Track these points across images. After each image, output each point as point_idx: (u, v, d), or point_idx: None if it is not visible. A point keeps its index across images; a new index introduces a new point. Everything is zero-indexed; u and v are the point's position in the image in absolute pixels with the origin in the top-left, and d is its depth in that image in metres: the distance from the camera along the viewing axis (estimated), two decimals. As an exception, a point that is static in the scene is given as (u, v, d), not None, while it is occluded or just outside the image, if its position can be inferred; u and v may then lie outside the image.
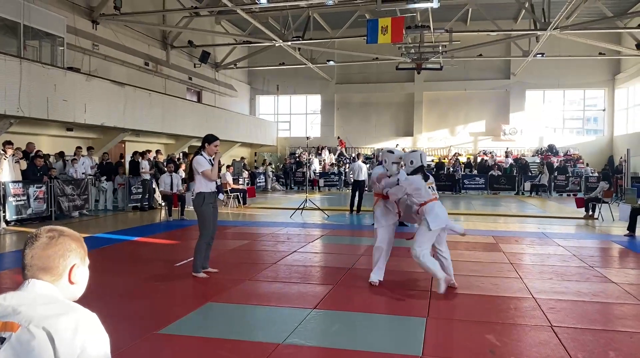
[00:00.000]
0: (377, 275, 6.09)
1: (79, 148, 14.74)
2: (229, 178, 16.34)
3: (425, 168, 5.91)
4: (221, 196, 6.37)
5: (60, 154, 14.59)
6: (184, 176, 14.42)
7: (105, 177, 14.82)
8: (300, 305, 5.16)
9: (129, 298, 5.46)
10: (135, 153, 16.21)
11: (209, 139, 6.48)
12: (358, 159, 15.63)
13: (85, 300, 1.54)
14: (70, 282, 1.54)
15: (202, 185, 6.37)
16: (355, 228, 11.93)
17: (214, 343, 4.06)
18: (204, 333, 4.29)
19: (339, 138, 29.70)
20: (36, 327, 1.37)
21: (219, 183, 6.53)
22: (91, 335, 1.42)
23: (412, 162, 5.90)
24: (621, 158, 23.26)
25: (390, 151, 6.27)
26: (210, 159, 6.42)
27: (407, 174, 5.95)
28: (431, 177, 5.97)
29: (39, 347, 1.36)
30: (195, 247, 6.48)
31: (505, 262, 7.46)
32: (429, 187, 5.79)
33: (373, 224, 6.67)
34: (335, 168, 26.66)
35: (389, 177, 6.10)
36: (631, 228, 10.50)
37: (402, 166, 6.15)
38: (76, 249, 1.56)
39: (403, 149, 27.77)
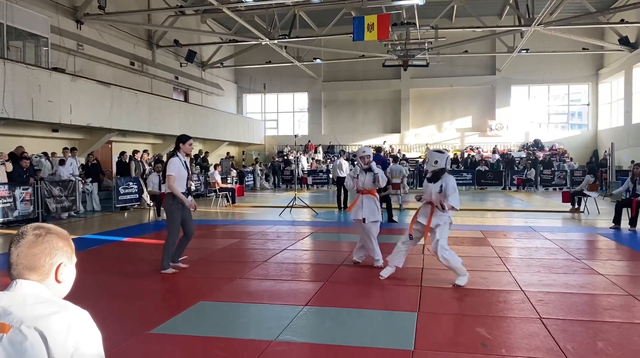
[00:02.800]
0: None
1: (65, 148, 14.61)
2: (218, 177, 16.28)
3: (447, 170, 5.92)
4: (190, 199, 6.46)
5: (47, 155, 14.46)
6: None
7: (90, 179, 14.69)
8: (291, 302, 5.17)
9: (119, 299, 5.43)
10: (122, 153, 16.12)
11: (183, 139, 6.56)
12: (341, 156, 15.74)
13: (75, 301, 1.52)
14: (57, 281, 1.50)
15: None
16: (344, 224, 11.96)
17: (206, 342, 4.06)
18: (195, 332, 4.28)
19: (309, 141, 29.62)
20: (28, 328, 1.35)
21: (190, 186, 6.54)
22: (84, 334, 1.40)
23: (436, 162, 5.87)
24: (606, 151, 23.55)
25: (357, 150, 7.13)
26: (184, 161, 6.48)
27: (429, 174, 6.01)
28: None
29: (32, 348, 1.33)
30: (163, 245, 6.54)
31: (494, 256, 7.53)
32: None
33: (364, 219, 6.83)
34: (324, 166, 26.68)
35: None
36: (616, 220, 10.64)
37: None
38: (63, 247, 1.52)
39: (391, 146, 27.88)
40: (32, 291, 1.45)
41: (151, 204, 13.33)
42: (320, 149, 29.05)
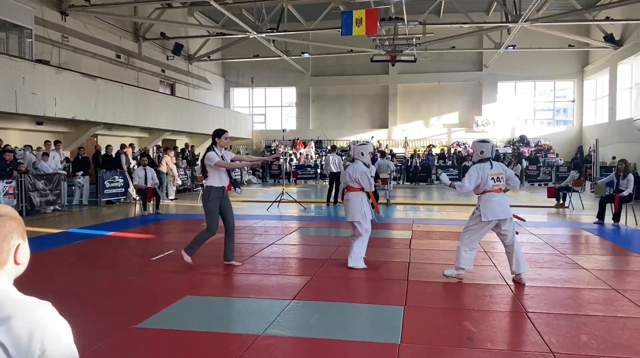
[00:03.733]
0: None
1: (47, 141, 14.42)
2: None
3: (492, 159, 5.81)
4: (238, 191, 6.61)
5: (32, 148, 14.26)
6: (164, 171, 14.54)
7: (82, 172, 14.49)
8: (279, 296, 5.17)
9: (105, 293, 5.38)
10: (107, 146, 15.96)
11: (218, 133, 6.45)
12: (333, 151, 15.71)
13: (61, 295, 1.49)
14: (16, 263, 1.38)
15: (212, 180, 6.36)
16: (332, 219, 11.97)
17: (193, 336, 4.04)
18: (182, 327, 4.27)
19: (297, 138, 29.40)
20: None
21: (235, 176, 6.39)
22: (49, 332, 1.27)
23: (482, 152, 5.80)
24: (590, 147, 23.81)
25: (364, 143, 6.83)
26: (222, 156, 6.37)
27: (474, 163, 5.88)
28: (499, 167, 5.83)
29: None
30: (199, 233, 6.53)
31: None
32: (493, 178, 5.68)
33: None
34: (312, 161, 26.66)
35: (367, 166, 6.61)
36: (600, 216, 10.77)
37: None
38: (17, 228, 1.40)
39: (378, 142, 27.93)
40: None
41: (137, 198, 13.23)
42: (312, 144, 28.91)
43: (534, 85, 29.09)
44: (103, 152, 15.89)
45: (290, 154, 25.70)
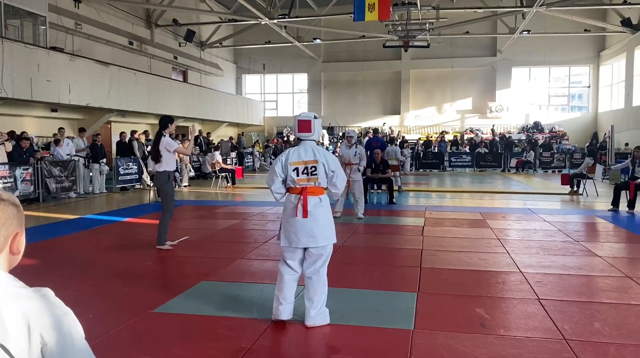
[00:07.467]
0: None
1: (61, 128, 14.55)
2: (219, 158, 16.30)
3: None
4: (177, 175, 7.17)
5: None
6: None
7: (105, 159, 14.52)
8: (292, 282, 5.21)
9: (121, 278, 5.47)
10: (121, 133, 16.06)
11: (171, 120, 6.90)
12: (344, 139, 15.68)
13: (78, 282, 1.52)
14: (12, 253, 1.28)
15: (167, 164, 6.73)
16: (345, 206, 11.97)
17: (210, 321, 4.11)
18: (198, 311, 4.34)
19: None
20: None
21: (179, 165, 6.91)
22: (48, 321, 1.18)
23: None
24: (605, 134, 23.54)
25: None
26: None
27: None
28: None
29: None
30: (160, 222, 6.83)
31: (493, 238, 7.58)
32: None
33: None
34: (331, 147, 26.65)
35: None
36: (615, 203, 10.68)
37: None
38: (17, 214, 1.30)
39: (390, 128, 27.83)
40: None
41: (151, 184, 13.34)
42: (324, 131, 28.79)
43: (549, 70, 28.76)
44: (117, 139, 15.98)
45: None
